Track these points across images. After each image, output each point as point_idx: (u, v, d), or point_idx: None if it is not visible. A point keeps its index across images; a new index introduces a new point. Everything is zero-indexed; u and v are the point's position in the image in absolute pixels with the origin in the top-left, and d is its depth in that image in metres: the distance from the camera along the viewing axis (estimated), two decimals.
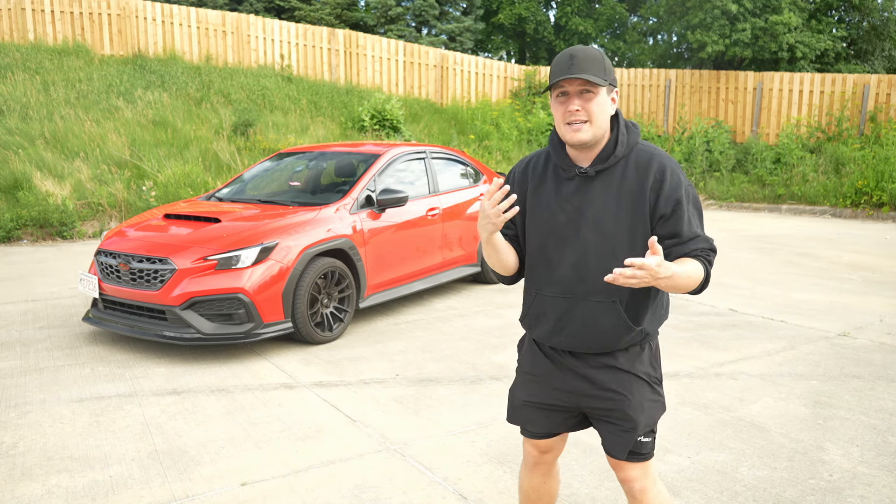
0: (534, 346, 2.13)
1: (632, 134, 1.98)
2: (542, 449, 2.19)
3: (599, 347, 1.99)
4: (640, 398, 2.01)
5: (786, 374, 4.46)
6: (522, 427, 2.19)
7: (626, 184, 1.93)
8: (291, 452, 3.38)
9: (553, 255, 2.00)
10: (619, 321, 1.95)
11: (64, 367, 4.58)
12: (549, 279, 2.01)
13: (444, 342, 5.20)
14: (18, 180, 9.89)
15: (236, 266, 4.74)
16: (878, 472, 3.16)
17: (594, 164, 1.96)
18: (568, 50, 1.91)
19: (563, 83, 1.89)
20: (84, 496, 2.96)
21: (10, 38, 13.48)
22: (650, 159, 1.94)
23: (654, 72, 17.09)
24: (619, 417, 2.00)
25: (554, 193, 2.00)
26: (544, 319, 2.03)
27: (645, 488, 2.06)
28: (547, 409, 2.11)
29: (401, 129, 14.36)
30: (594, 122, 1.90)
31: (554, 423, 2.13)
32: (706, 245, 1.94)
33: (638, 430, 2.00)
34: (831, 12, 19.16)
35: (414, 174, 6.36)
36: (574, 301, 1.97)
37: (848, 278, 7.40)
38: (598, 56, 1.89)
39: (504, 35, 25.20)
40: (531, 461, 2.23)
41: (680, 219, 1.92)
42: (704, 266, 1.91)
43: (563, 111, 1.91)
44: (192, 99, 13.52)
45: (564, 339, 2.01)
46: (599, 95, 1.89)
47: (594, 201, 1.94)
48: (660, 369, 2.10)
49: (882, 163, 12.82)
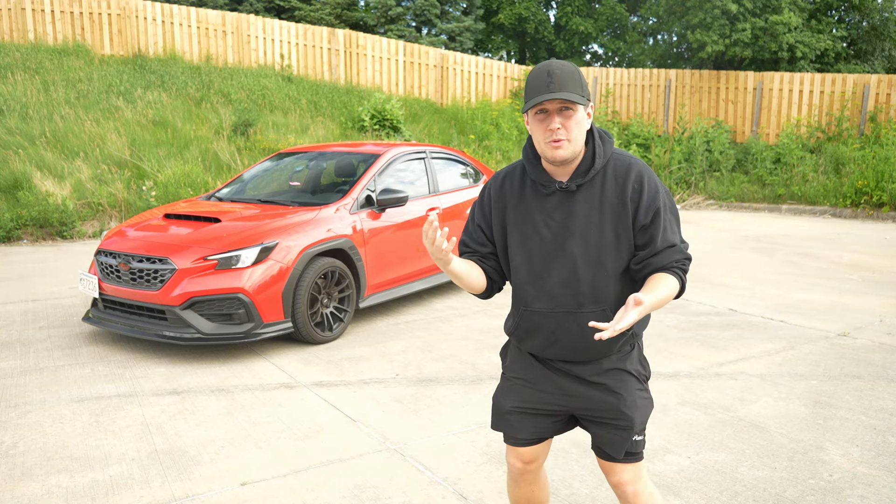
0: (523, 352, 2.13)
1: (607, 144, 2.00)
2: (525, 459, 2.16)
3: (595, 355, 2.00)
4: (634, 395, 2.02)
5: (786, 374, 4.46)
6: (508, 434, 2.16)
7: (607, 195, 1.95)
8: (291, 452, 3.38)
9: (540, 270, 2.00)
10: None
11: (64, 367, 4.58)
12: (537, 295, 2.01)
13: (444, 342, 5.20)
14: (18, 180, 9.89)
15: (236, 266, 4.74)
16: (878, 472, 3.16)
17: (574, 179, 1.96)
18: (544, 66, 1.89)
19: (542, 102, 1.88)
20: (84, 496, 2.96)
21: (10, 38, 13.48)
22: (628, 168, 1.97)
23: (654, 72, 17.09)
24: (614, 416, 2.01)
25: (536, 210, 2.00)
26: (536, 334, 2.03)
27: (637, 491, 2.06)
28: (536, 415, 2.10)
29: (401, 129, 14.36)
30: (573, 138, 1.91)
31: (541, 428, 2.12)
32: (680, 255, 1.97)
33: (634, 428, 2.01)
34: (831, 12, 19.16)
35: (414, 174, 6.36)
36: (566, 315, 1.97)
37: (848, 278, 7.40)
38: (574, 72, 1.89)
39: (504, 35, 25.20)
40: (516, 473, 2.20)
41: (657, 228, 1.95)
42: (678, 277, 1.95)
43: (544, 129, 1.90)
44: (192, 99, 13.52)
45: (558, 351, 2.02)
46: (578, 112, 1.90)
47: (577, 214, 1.96)
48: (648, 367, 2.13)
49: (882, 163, 12.82)
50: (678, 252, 1.96)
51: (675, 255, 1.95)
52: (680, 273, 1.96)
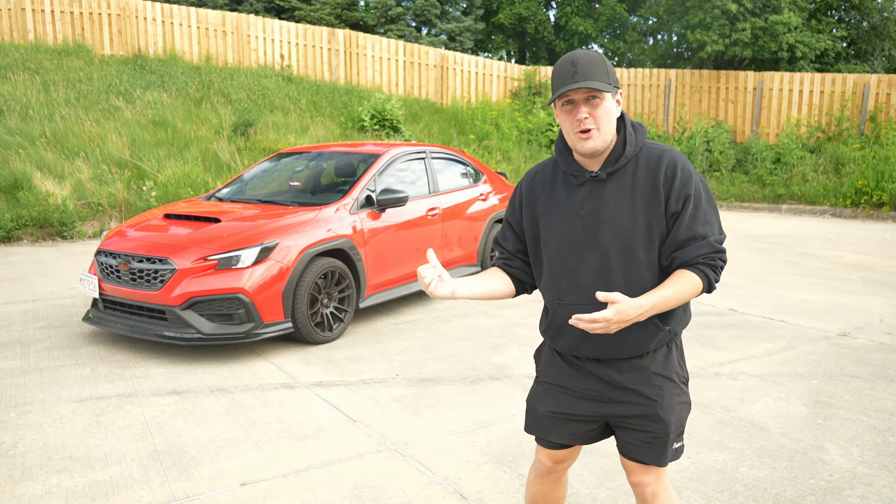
0: (555, 355, 2.08)
1: (639, 133, 1.95)
2: (557, 459, 2.13)
3: (630, 352, 1.93)
4: (671, 400, 1.96)
5: (786, 374, 4.46)
6: (543, 437, 2.12)
7: (639, 183, 1.90)
8: (291, 452, 3.38)
9: (572, 262, 1.94)
10: (648, 323, 1.90)
11: (64, 367, 4.58)
12: (570, 288, 1.95)
13: (444, 342, 5.20)
14: (18, 180, 9.89)
15: (236, 266, 4.74)
16: (878, 472, 3.16)
17: (605, 167, 1.92)
18: (569, 56, 1.86)
19: (568, 92, 1.85)
20: (84, 496, 2.96)
21: (10, 38, 13.48)
22: (660, 156, 1.91)
23: (654, 72, 17.09)
24: (650, 423, 1.95)
25: (567, 201, 1.96)
26: (568, 329, 1.95)
27: (657, 493, 2.02)
28: (571, 420, 2.05)
29: (401, 129, 14.36)
30: (602, 128, 1.86)
31: (576, 435, 2.07)
32: (708, 249, 1.86)
33: (671, 435, 1.96)
34: (831, 12, 19.16)
35: (414, 174, 6.36)
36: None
37: (848, 278, 7.40)
38: (599, 59, 1.85)
39: (504, 35, 25.21)
40: (543, 470, 2.17)
41: (685, 216, 1.87)
42: (702, 274, 1.87)
43: (572, 120, 1.87)
44: (192, 99, 13.52)
45: (591, 348, 1.95)
46: (606, 101, 1.86)
47: (608, 204, 1.90)
48: (686, 368, 2.06)
49: (882, 163, 12.82)
50: (706, 245, 1.86)
51: (703, 248, 1.86)
52: (705, 269, 1.87)
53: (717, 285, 1.93)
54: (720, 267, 1.90)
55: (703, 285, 1.88)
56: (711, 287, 1.90)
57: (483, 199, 6.97)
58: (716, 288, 1.94)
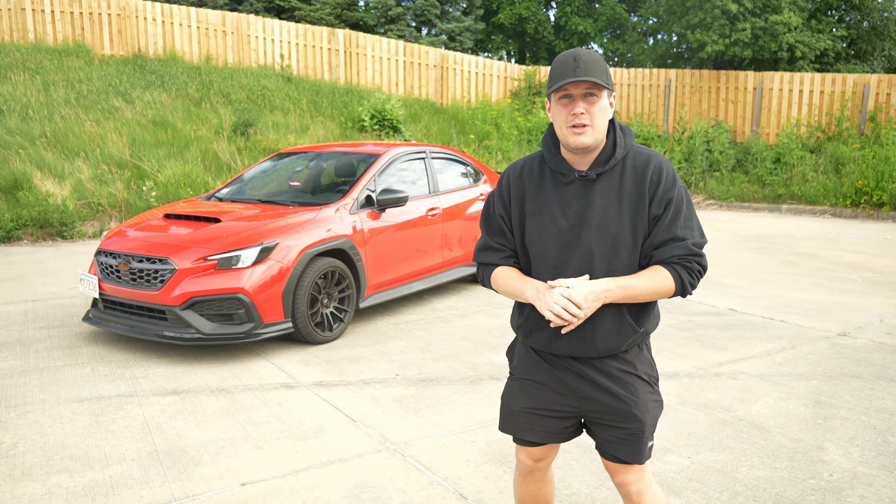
0: (531, 352, 2.09)
1: (627, 136, 1.98)
2: (536, 457, 2.15)
3: (604, 351, 1.96)
4: (645, 398, 2.00)
5: (786, 374, 4.46)
6: (517, 436, 2.14)
7: (626, 186, 1.92)
8: (291, 452, 3.38)
9: (556, 261, 1.97)
10: (624, 324, 1.94)
11: (64, 367, 4.58)
12: None
13: (444, 342, 5.20)
14: (18, 180, 9.89)
15: (236, 266, 4.74)
16: (878, 472, 3.16)
17: (594, 168, 1.94)
18: (570, 52, 1.88)
19: (567, 86, 1.86)
20: (84, 496, 2.96)
21: (10, 38, 13.49)
22: (647, 161, 1.94)
23: (654, 72, 17.09)
24: (625, 420, 1.98)
25: (554, 199, 1.97)
26: (545, 325, 1.99)
27: (641, 491, 2.05)
28: (546, 417, 2.07)
29: (401, 129, 14.36)
30: (596, 125, 1.88)
31: (551, 433, 2.09)
32: (684, 251, 1.91)
33: (645, 432, 1.99)
34: (831, 12, 19.16)
35: (414, 174, 6.36)
36: None
37: (848, 278, 7.40)
38: (599, 59, 1.88)
39: (504, 35, 25.21)
40: (525, 469, 2.19)
41: (665, 219, 1.91)
42: (674, 273, 1.91)
43: (567, 114, 1.88)
44: (192, 99, 13.52)
45: (566, 345, 1.97)
46: (602, 99, 1.88)
47: (595, 204, 1.92)
48: (656, 368, 2.10)
49: (882, 163, 12.82)
50: (682, 248, 1.91)
51: (678, 249, 1.90)
52: (679, 269, 1.91)
53: (692, 291, 1.95)
54: (696, 271, 1.94)
55: (676, 285, 1.92)
56: (685, 289, 1.93)
57: (483, 199, 6.97)
58: (690, 293, 1.96)
